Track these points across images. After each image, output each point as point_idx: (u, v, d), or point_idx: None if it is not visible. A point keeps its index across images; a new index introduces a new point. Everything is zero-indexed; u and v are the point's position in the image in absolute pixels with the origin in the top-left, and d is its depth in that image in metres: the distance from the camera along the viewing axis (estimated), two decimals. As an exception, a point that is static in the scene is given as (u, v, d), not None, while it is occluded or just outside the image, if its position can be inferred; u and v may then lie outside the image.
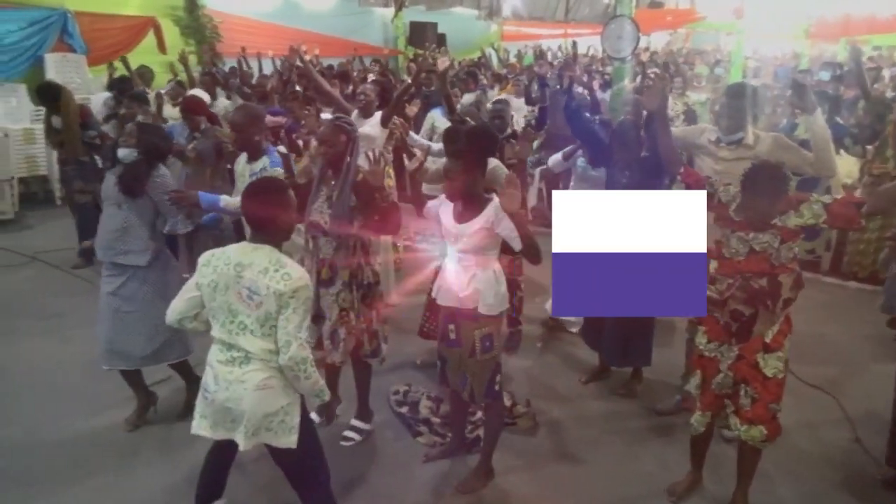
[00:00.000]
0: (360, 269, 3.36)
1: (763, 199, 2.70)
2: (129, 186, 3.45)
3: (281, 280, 2.37)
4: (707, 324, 2.98)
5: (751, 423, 2.86)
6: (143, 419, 3.80)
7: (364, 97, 5.09)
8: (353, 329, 3.36)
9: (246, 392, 2.42)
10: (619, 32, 6.91)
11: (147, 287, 3.56)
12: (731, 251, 2.81)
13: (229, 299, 2.44)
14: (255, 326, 2.42)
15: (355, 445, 3.61)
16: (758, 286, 2.75)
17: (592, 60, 12.92)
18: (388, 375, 4.12)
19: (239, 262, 2.43)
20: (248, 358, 2.43)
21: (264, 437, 2.50)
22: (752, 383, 2.85)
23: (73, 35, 9.10)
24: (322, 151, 3.30)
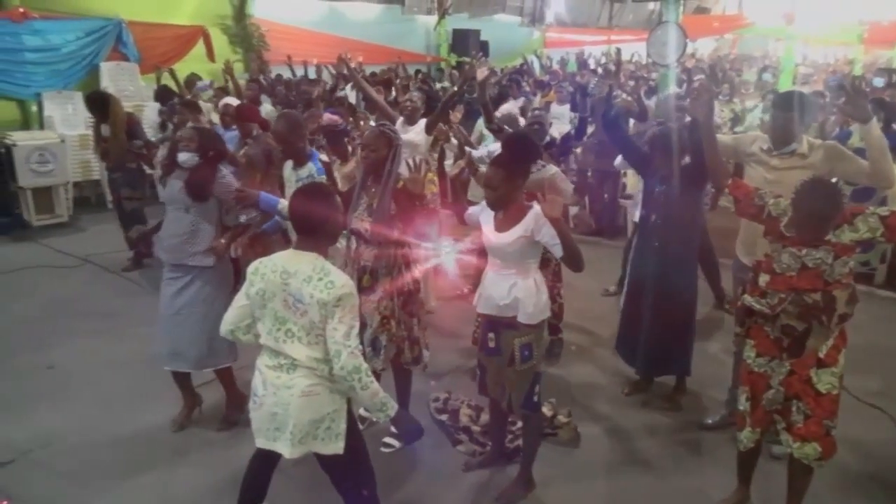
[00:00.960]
0: (401, 277, 3.37)
1: (816, 219, 2.60)
2: (197, 190, 3.54)
3: (324, 289, 2.35)
4: (756, 337, 2.87)
5: (804, 440, 2.75)
6: (189, 420, 3.89)
7: (410, 104, 5.15)
8: (394, 336, 3.37)
9: (292, 398, 2.41)
10: (665, 38, 6.83)
11: (209, 288, 3.64)
12: (783, 266, 2.70)
13: (276, 307, 2.44)
14: (302, 334, 2.42)
15: (394, 452, 3.61)
16: (811, 301, 2.64)
17: (637, 67, 12.75)
18: (428, 382, 4.12)
19: (285, 269, 2.43)
20: (295, 365, 2.43)
21: (311, 445, 2.48)
22: (804, 399, 2.75)
23: (127, 44, 9.40)
24: (364, 156, 3.32)
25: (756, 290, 2.80)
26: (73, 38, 8.88)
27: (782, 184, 3.12)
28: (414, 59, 14.16)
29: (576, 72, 12.11)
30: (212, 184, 3.56)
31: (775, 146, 3.43)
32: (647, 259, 3.89)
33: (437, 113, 4.97)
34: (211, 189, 3.57)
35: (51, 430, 3.78)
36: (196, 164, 3.54)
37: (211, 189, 3.57)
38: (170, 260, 3.65)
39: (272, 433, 2.50)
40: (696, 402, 4.12)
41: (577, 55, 14.21)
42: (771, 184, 3.27)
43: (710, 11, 21.15)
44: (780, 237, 2.75)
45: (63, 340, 4.91)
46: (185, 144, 3.54)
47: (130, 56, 9.41)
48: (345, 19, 13.62)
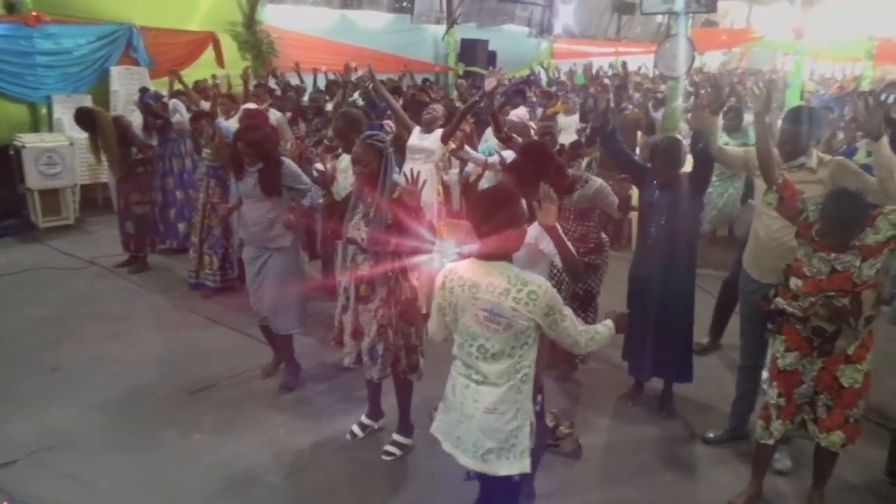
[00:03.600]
0: (398, 286, 3.37)
1: (842, 227, 2.74)
2: (270, 189, 4.00)
3: (529, 301, 2.28)
4: (787, 333, 3.00)
5: (829, 430, 2.97)
6: (276, 370, 4.46)
7: (431, 114, 5.30)
8: (392, 345, 3.38)
9: (477, 411, 2.38)
10: (674, 51, 6.83)
11: (284, 263, 4.15)
12: (813, 270, 2.84)
13: (467, 322, 2.39)
14: (497, 349, 2.35)
15: (396, 460, 3.61)
16: (840, 304, 2.78)
17: (644, 79, 12.77)
18: (431, 390, 4.10)
19: (474, 283, 2.35)
20: (485, 380, 2.39)
21: (494, 466, 2.40)
22: (828, 392, 2.95)
23: (138, 49, 9.45)
24: (357, 171, 3.33)
25: (787, 293, 2.94)
26: (84, 42, 8.94)
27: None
28: (422, 67, 14.21)
29: (584, 83, 12.12)
30: (280, 180, 4.02)
31: (784, 159, 3.45)
32: (648, 267, 3.90)
33: (454, 123, 5.15)
34: (281, 185, 4.03)
35: (56, 432, 3.79)
36: (260, 167, 3.97)
37: (281, 185, 4.03)
38: (252, 244, 4.16)
39: (454, 440, 2.49)
40: (699, 416, 4.09)
41: (586, 67, 14.22)
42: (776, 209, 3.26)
43: (718, 25, 21.17)
44: (810, 241, 2.88)
45: (69, 342, 4.93)
46: (247, 161, 3.99)
47: (141, 61, 9.46)
48: (355, 27, 13.68)
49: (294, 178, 4.11)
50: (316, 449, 3.71)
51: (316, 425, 3.93)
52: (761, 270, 3.54)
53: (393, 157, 3.39)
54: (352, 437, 3.78)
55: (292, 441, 3.77)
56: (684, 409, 4.14)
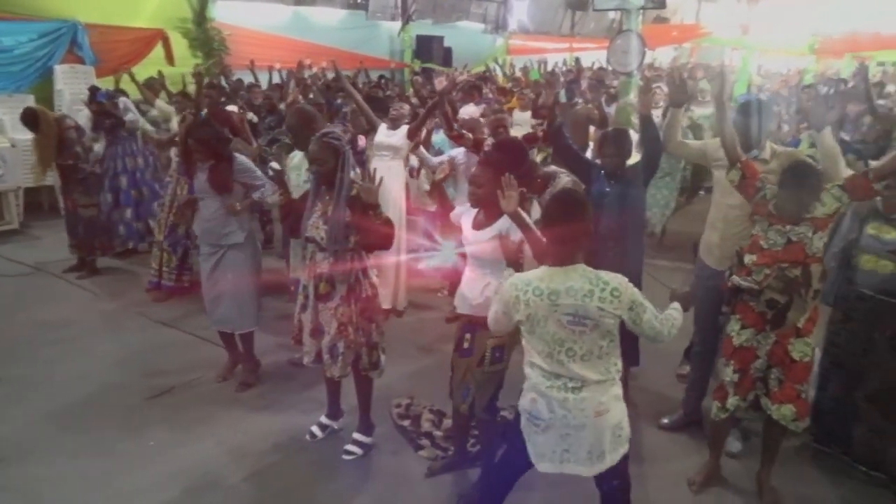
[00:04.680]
0: (357, 283, 3.36)
1: (801, 196, 2.94)
2: (220, 186, 3.99)
3: (614, 299, 2.32)
4: (742, 311, 3.16)
5: (781, 402, 3.10)
6: (231, 374, 4.41)
7: (398, 110, 5.38)
8: (352, 342, 3.36)
9: (587, 419, 2.38)
10: (625, 47, 6.95)
11: (240, 260, 4.12)
12: (770, 242, 3.03)
13: (550, 330, 2.38)
14: (585, 351, 2.37)
15: (357, 459, 3.60)
16: (793, 276, 2.97)
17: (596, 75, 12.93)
18: (390, 388, 4.10)
19: (552, 290, 2.36)
20: (582, 385, 2.38)
21: (607, 461, 2.43)
22: (780, 366, 3.09)
23: (83, 47, 9.16)
24: (314, 170, 3.30)
25: (742, 270, 3.11)
26: (25, 40, 8.62)
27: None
28: (378, 64, 14.13)
29: (539, 79, 12.22)
30: (230, 177, 4.01)
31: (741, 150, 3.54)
32: (601, 259, 3.93)
33: (420, 120, 5.25)
34: (231, 182, 4.02)
35: (2, 443, 3.67)
36: (211, 164, 3.97)
37: (231, 182, 4.02)
38: (205, 241, 4.15)
39: (560, 455, 2.45)
40: (653, 403, 4.18)
41: (539, 62, 14.35)
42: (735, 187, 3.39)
43: (669, 21, 21.59)
44: (767, 216, 3.07)
45: (16, 351, 4.78)
46: (198, 158, 4.01)
47: (87, 59, 9.18)
48: (308, 24, 13.53)
49: (247, 174, 4.09)
50: (275, 450, 3.67)
51: (275, 426, 3.89)
52: (719, 258, 3.64)
53: (350, 155, 3.36)
54: (311, 437, 3.75)
55: (251, 443, 3.72)
56: (639, 396, 4.21)
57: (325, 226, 3.28)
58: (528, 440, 2.51)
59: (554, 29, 21.53)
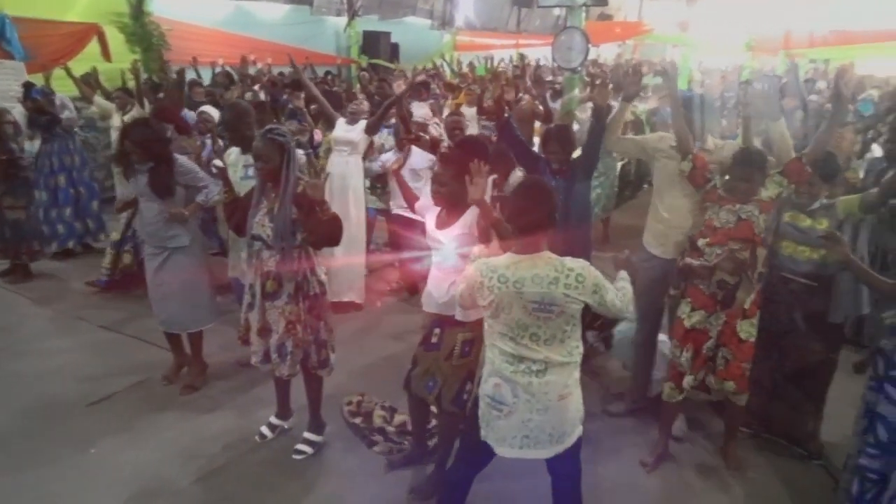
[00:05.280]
0: (305, 281, 3.33)
1: (753, 173, 3.21)
2: (160, 190, 3.87)
3: (578, 284, 2.37)
4: (692, 295, 3.38)
5: (724, 379, 3.36)
6: (177, 376, 4.30)
7: (356, 106, 5.47)
8: (301, 341, 3.33)
9: (550, 402, 2.43)
10: (569, 44, 7.01)
11: (186, 261, 4.03)
12: (722, 221, 3.27)
13: (515, 316, 2.40)
14: (549, 336, 2.42)
15: (308, 458, 3.56)
16: (742, 257, 3.20)
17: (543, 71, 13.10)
18: (341, 386, 4.07)
19: (518, 278, 2.37)
20: (546, 368, 2.43)
21: (565, 443, 2.51)
22: (729, 346, 3.33)
23: (12, 41, 8.75)
24: (259, 167, 3.25)
25: (695, 253, 3.35)
26: (-54, 34, 8.23)
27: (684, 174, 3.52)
28: (324, 60, 13.95)
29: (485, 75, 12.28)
30: (172, 179, 3.89)
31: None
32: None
33: (378, 115, 5.32)
34: (173, 185, 3.90)
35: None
36: (151, 167, 3.85)
37: (173, 185, 3.90)
38: (150, 243, 4.03)
39: (520, 440, 2.49)
40: (600, 392, 4.28)
41: (486, 59, 14.43)
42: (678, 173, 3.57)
43: (612, 18, 22.00)
44: (718, 199, 3.32)
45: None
46: (136, 160, 3.87)
47: (16, 54, 8.77)
48: (251, 19, 13.27)
49: (189, 176, 3.99)
50: (225, 452, 3.60)
51: (223, 428, 3.82)
52: (666, 247, 3.75)
53: (295, 152, 3.32)
54: (261, 438, 3.70)
55: (199, 446, 3.64)
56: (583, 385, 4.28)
57: (272, 223, 3.24)
58: (489, 425, 2.54)
59: (500, 25, 21.67)
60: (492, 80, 6.14)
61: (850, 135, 5.83)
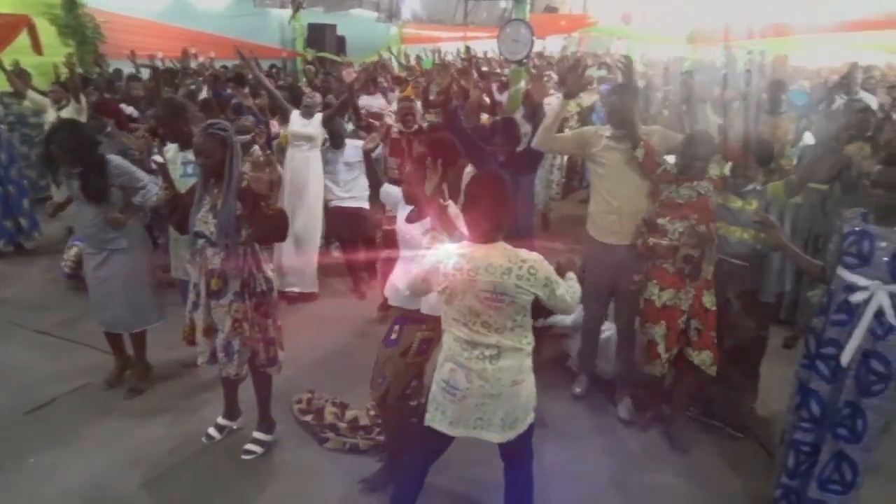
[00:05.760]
0: (251, 278, 3.28)
1: (699, 157, 3.50)
2: (93, 195, 3.71)
3: (530, 276, 2.40)
4: (657, 276, 3.57)
5: (701, 349, 3.51)
6: (120, 380, 4.17)
7: (311, 99, 5.47)
8: (248, 339, 3.28)
9: (503, 387, 2.47)
10: (514, 36, 7.07)
11: (127, 261, 3.89)
12: (684, 198, 3.52)
13: (468, 303, 2.44)
14: (499, 324, 2.45)
15: (258, 458, 3.52)
16: (702, 230, 3.44)
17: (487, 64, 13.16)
18: (290, 383, 4.02)
19: (473, 266, 2.40)
20: (499, 354, 2.47)
21: (518, 429, 2.55)
22: (698, 317, 3.52)
23: (-68, 33, 8.34)
24: (200, 163, 3.19)
25: (657, 233, 3.55)
26: None
27: (631, 163, 3.71)
28: (268, 53, 13.68)
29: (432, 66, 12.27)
30: (105, 182, 3.71)
31: (615, 128, 3.79)
32: None
33: (336, 108, 5.41)
34: (107, 189, 3.72)
35: None
36: (80, 171, 3.67)
37: (107, 189, 3.72)
38: (90, 245, 3.90)
39: (473, 422, 2.53)
40: (565, 375, 4.38)
41: (434, 51, 14.40)
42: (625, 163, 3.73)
43: (558, 11, 22.22)
44: (674, 180, 3.57)
45: None
46: (62, 165, 3.73)
47: (-63, 47, 8.33)
48: (191, 10, 12.91)
49: (125, 177, 3.80)
50: (171, 456, 3.53)
51: (169, 431, 3.73)
52: (621, 234, 3.83)
53: (238, 146, 3.26)
54: (209, 439, 3.63)
55: (144, 450, 3.55)
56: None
57: (215, 220, 3.18)
58: (440, 409, 2.58)
59: (447, 18, 21.66)
60: (439, 72, 6.15)
61: (785, 123, 6.07)
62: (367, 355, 4.62)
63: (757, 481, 3.42)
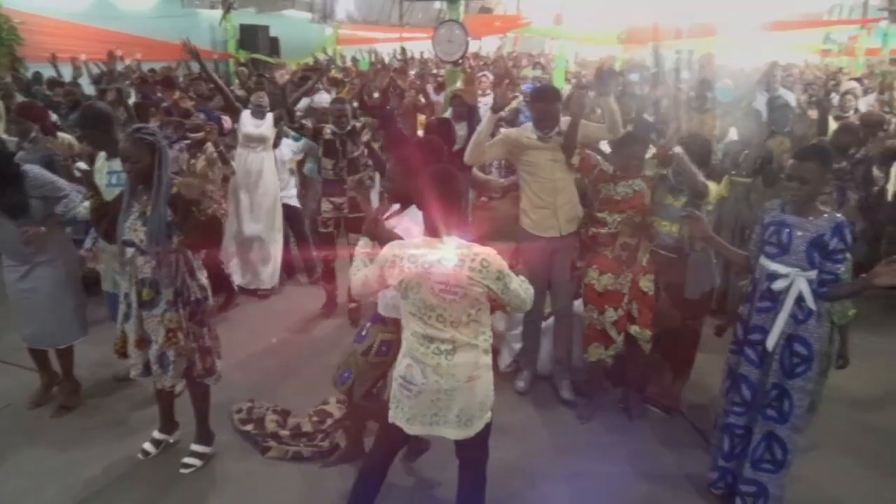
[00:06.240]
0: (185, 286, 3.19)
1: (634, 156, 3.73)
2: (14, 211, 3.53)
3: (483, 269, 2.42)
4: (598, 262, 3.80)
5: (644, 326, 3.75)
6: (46, 398, 4.00)
7: (260, 99, 5.55)
8: (183, 349, 3.19)
9: (458, 383, 2.48)
10: (449, 37, 7.14)
11: (52, 274, 3.72)
12: (621, 194, 3.72)
13: (423, 296, 2.45)
14: (455, 318, 2.46)
15: (197, 471, 3.42)
16: (637, 221, 3.70)
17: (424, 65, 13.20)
18: (229, 393, 3.92)
19: (426, 259, 2.42)
20: (455, 348, 2.48)
21: (474, 426, 2.56)
22: (636, 300, 3.75)
23: None
24: (127, 169, 3.08)
25: (598, 224, 3.79)
26: None
27: (558, 161, 3.82)
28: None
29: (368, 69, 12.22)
30: (24, 196, 3.54)
31: (543, 131, 3.84)
32: None
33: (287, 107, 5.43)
34: (27, 203, 3.54)
35: None
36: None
37: (27, 203, 3.54)
38: (11, 258, 3.71)
39: (430, 418, 2.54)
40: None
41: (370, 52, 14.34)
42: (553, 161, 3.83)
43: (493, 11, 22.43)
44: (612, 178, 3.75)
45: None
46: None
47: None
48: (115, 11, 12.46)
49: (46, 188, 3.62)
50: (105, 474, 3.39)
51: (103, 449, 3.58)
52: (558, 226, 3.94)
53: (167, 151, 3.16)
54: (144, 455, 3.50)
55: (77, 470, 3.40)
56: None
57: (145, 227, 3.08)
58: (398, 406, 2.59)
59: (383, 18, 21.59)
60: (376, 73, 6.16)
61: (711, 120, 6.31)
62: (311, 359, 4.61)
63: (692, 462, 3.54)
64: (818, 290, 2.81)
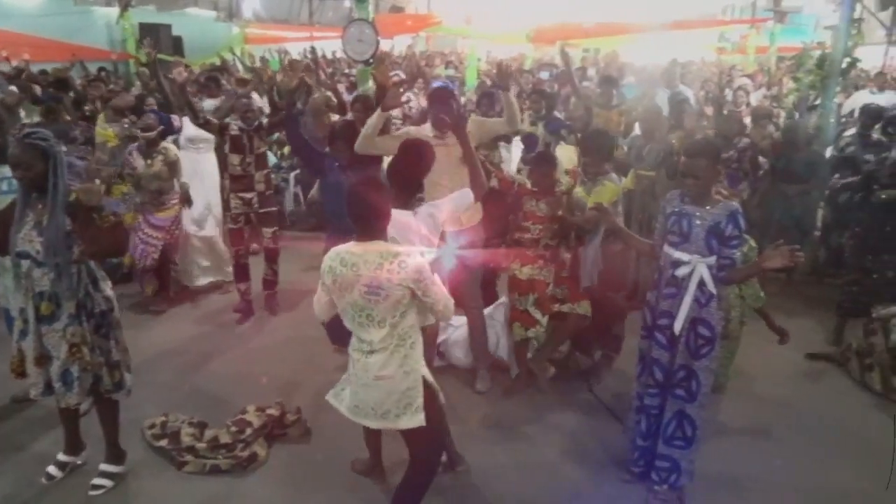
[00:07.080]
0: (88, 297, 3.03)
1: (550, 168, 4.02)
2: None
3: (400, 269, 2.52)
4: (521, 258, 4.08)
5: (578, 301, 4.04)
6: None
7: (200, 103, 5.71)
8: (89, 364, 3.03)
9: (369, 380, 2.65)
10: (359, 36, 7.08)
11: None
12: (542, 212, 4.03)
13: (354, 297, 2.57)
14: (381, 318, 2.58)
15: (108, 492, 3.26)
16: (555, 227, 4.04)
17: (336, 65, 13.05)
18: (140, 408, 3.74)
19: (354, 262, 2.56)
20: (372, 349, 2.62)
21: (394, 422, 2.70)
22: (562, 284, 4.09)
23: None
24: (18, 176, 2.91)
25: (520, 230, 4.09)
26: None
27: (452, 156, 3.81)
28: (96, 55, 12.63)
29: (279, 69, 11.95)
30: None
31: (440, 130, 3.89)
32: None
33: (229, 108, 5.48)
34: None
35: None
36: None
37: None
38: None
39: (354, 409, 2.76)
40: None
41: (280, 52, 14.03)
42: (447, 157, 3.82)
43: (404, 10, 22.41)
44: (532, 194, 4.05)
45: None
46: None
47: None
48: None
49: None
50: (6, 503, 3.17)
51: (2, 479, 3.35)
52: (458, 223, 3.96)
53: (62, 156, 2.98)
54: (49, 479, 3.29)
55: (-29, 502, 3.17)
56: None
57: (41, 237, 2.90)
58: (337, 396, 2.88)
59: (292, 17, 21.18)
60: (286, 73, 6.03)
61: (616, 116, 6.56)
62: (226, 366, 4.46)
63: (612, 445, 3.68)
64: (717, 274, 2.98)
